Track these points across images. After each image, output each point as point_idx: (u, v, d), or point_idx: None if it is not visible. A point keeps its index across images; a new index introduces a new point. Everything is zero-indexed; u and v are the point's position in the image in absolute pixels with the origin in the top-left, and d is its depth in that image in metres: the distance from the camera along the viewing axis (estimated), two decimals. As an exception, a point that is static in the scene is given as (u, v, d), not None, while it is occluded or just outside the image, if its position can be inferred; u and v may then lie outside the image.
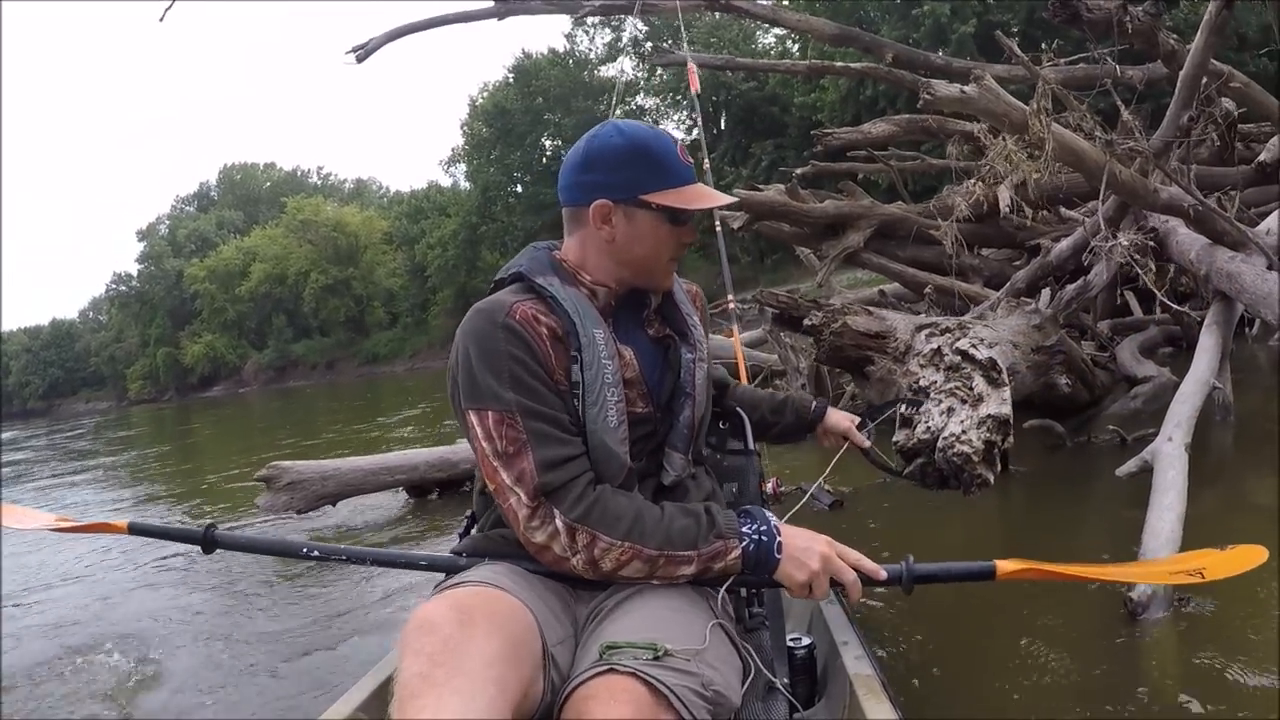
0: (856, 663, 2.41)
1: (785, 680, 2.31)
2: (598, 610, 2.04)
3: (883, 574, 2.04)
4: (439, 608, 1.75)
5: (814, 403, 3.02)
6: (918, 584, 2.06)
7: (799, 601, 3.03)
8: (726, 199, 2.33)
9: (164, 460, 19.37)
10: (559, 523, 1.96)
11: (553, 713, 1.79)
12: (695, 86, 7.29)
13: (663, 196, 2.15)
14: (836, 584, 2.01)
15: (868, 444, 3.03)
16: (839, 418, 3.01)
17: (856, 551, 2.04)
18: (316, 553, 2.51)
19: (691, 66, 7.52)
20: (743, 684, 2.01)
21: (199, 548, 2.57)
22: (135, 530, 2.73)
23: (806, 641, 2.49)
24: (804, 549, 1.99)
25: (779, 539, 1.99)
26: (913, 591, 2.08)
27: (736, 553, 1.98)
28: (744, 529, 2.00)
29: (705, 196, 2.22)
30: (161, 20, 12.33)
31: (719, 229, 6.23)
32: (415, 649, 1.66)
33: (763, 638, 2.28)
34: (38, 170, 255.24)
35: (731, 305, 6.33)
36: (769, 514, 2.06)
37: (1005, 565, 2.06)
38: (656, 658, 1.74)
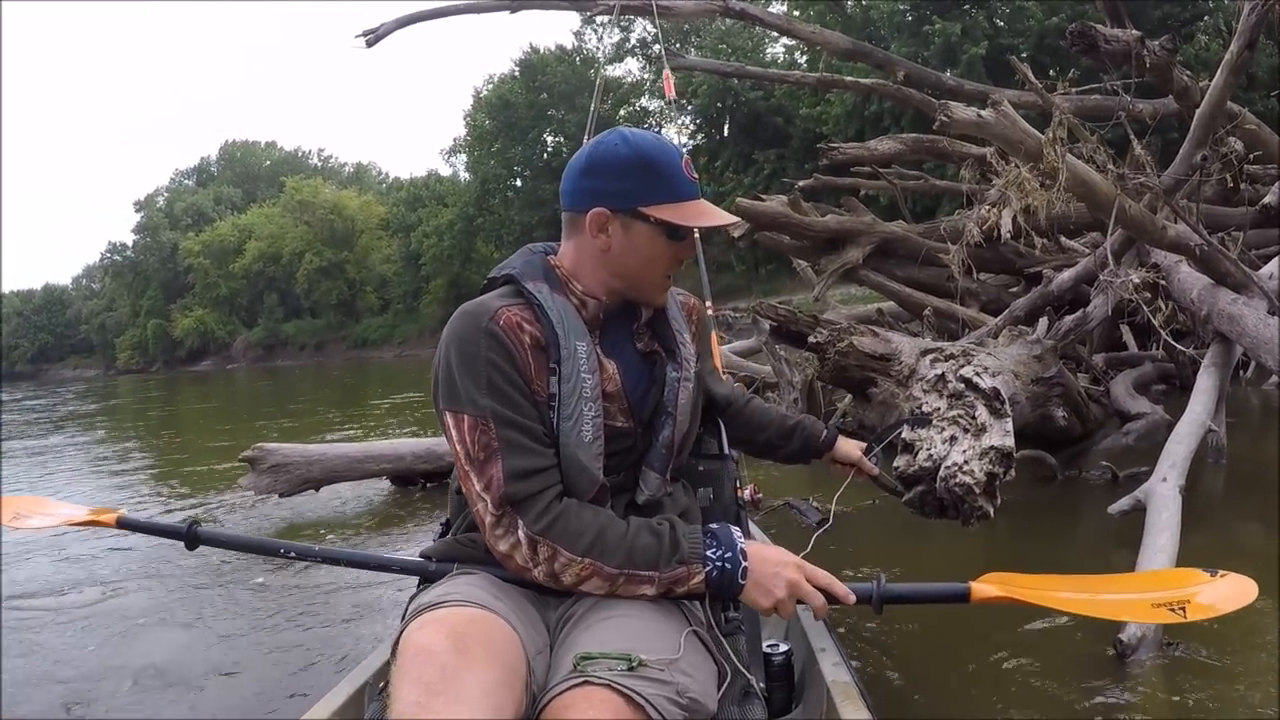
0: (834, 669, 2.41)
1: (762, 684, 2.30)
2: (568, 616, 2.03)
3: (852, 598, 2.03)
4: (434, 635, 1.75)
5: (824, 431, 2.92)
6: (889, 604, 2.06)
7: None
8: (728, 218, 2.27)
9: (150, 434, 19.28)
10: (521, 534, 1.96)
11: None
12: (670, 93, 7.27)
13: (662, 210, 2.11)
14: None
15: (876, 471, 2.98)
16: (849, 447, 2.94)
17: (827, 573, 2.02)
18: (293, 553, 2.53)
19: (667, 73, 7.51)
20: (719, 689, 2.01)
21: (183, 544, 2.60)
22: (123, 525, 2.74)
23: (784, 648, 2.49)
24: (770, 575, 1.97)
25: (744, 564, 1.97)
26: (883, 611, 2.08)
27: (699, 578, 1.97)
28: (709, 553, 1.98)
29: (706, 214, 2.18)
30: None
31: (697, 235, 6.19)
32: (413, 678, 1.66)
33: (738, 643, 2.28)
34: (40, 136, 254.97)
35: (710, 312, 6.28)
36: (736, 535, 2.03)
37: (980, 590, 2.04)
38: (631, 668, 1.75)
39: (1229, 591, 2.04)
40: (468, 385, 2.00)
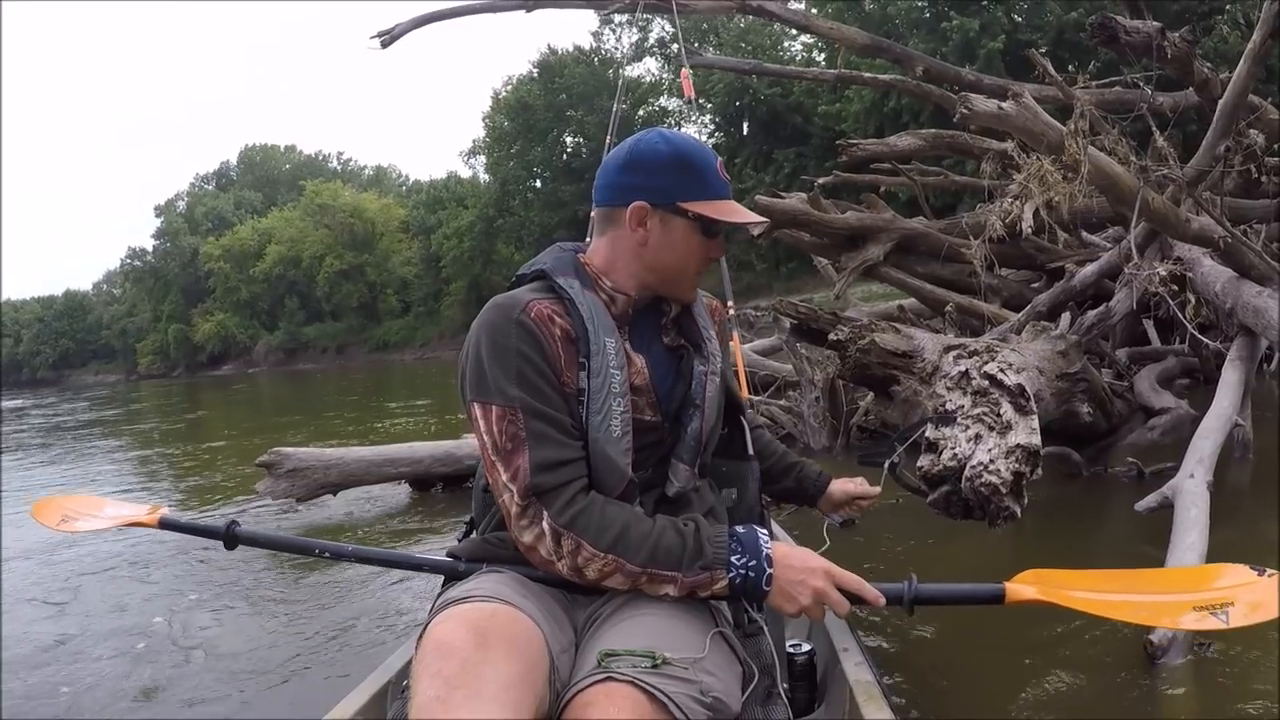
0: (856, 669, 2.44)
1: (785, 685, 2.29)
2: (595, 615, 2.04)
3: (882, 600, 2.03)
4: (455, 629, 1.76)
5: (819, 474, 2.93)
6: (920, 605, 2.05)
7: None
8: (759, 218, 2.33)
9: (170, 440, 19.32)
10: (545, 525, 1.96)
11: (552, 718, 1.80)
12: (689, 92, 7.22)
13: (700, 207, 2.15)
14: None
15: (879, 490, 2.98)
16: (843, 484, 2.94)
17: (856, 577, 2.01)
18: (328, 553, 2.59)
19: (685, 73, 7.45)
20: (744, 690, 2.02)
21: (221, 543, 2.66)
22: (165, 525, 2.80)
23: (806, 648, 2.52)
24: (796, 582, 1.97)
25: (769, 571, 1.97)
26: (914, 612, 2.08)
27: (723, 583, 1.97)
28: (733, 559, 1.97)
29: (740, 212, 2.23)
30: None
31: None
32: (433, 672, 1.66)
33: (761, 643, 2.25)
34: (60, 141, 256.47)
35: (731, 312, 6.22)
36: (762, 540, 2.02)
37: (1016, 591, 2.00)
38: (655, 665, 1.76)
39: (1275, 594, 1.94)
40: (498, 376, 2.01)
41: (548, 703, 1.79)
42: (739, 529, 2.05)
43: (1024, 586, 2.02)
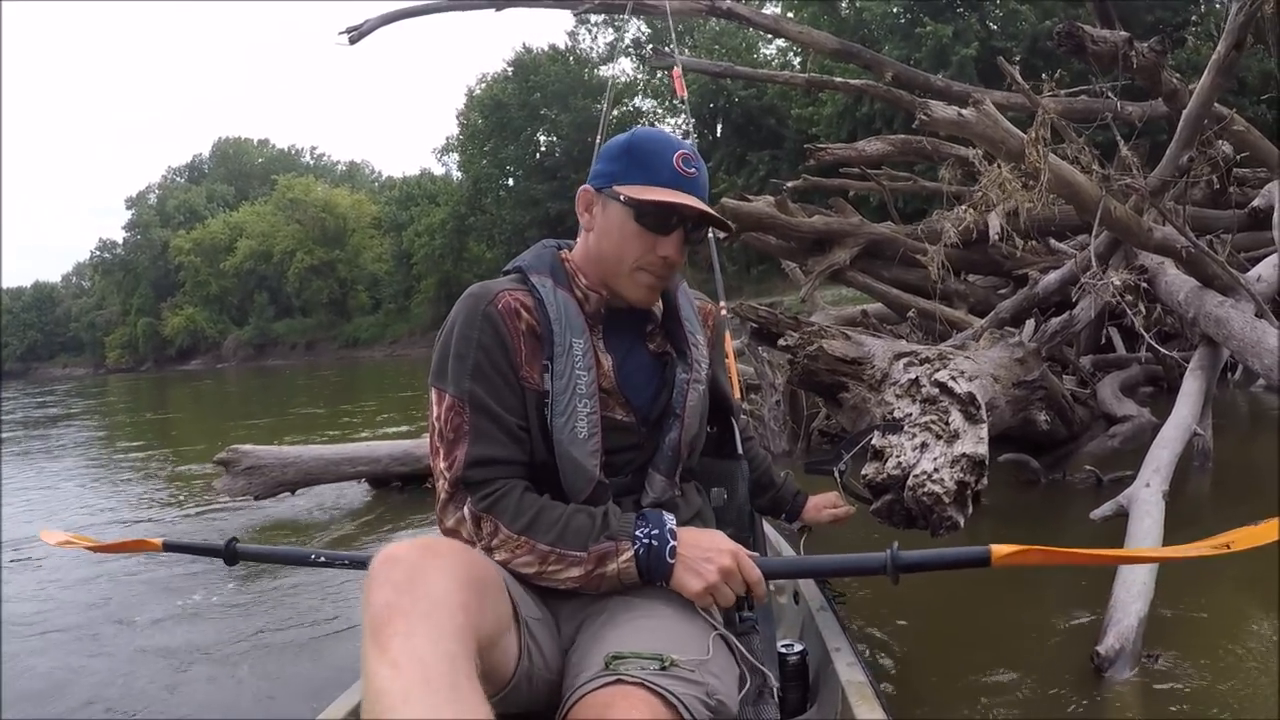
0: (849, 669, 2.44)
1: (776, 685, 2.29)
2: (589, 614, 2.04)
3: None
4: (404, 545, 1.72)
5: (797, 494, 2.99)
6: (904, 573, 2.02)
7: (791, 608, 3.21)
8: (700, 206, 2.17)
9: (135, 435, 19.21)
10: (467, 510, 2.01)
11: (552, 709, 1.84)
12: (681, 91, 7.16)
13: (633, 190, 2.11)
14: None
15: (853, 509, 3.03)
16: (818, 502, 2.99)
17: (759, 572, 2.03)
18: (323, 559, 2.77)
19: (677, 72, 7.39)
20: (739, 691, 2.01)
21: (223, 560, 2.86)
22: (169, 548, 2.99)
23: (799, 648, 2.51)
24: (702, 559, 1.98)
25: (672, 543, 1.98)
26: (899, 581, 2.04)
27: (628, 554, 1.97)
28: (638, 531, 1.99)
29: (678, 197, 2.12)
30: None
31: (711, 235, 6.12)
32: (381, 580, 1.62)
33: (753, 642, 2.26)
34: (31, 132, 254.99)
35: (724, 312, 6.17)
36: (666, 517, 2.04)
37: (1001, 549, 1.97)
38: (664, 668, 1.77)
39: (1274, 528, 2.01)
40: (456, 366, 2.05)
41: (514, 646, 1.84)
42: (645, 510, 2.11)
43: (1009, 547, 1.98)
